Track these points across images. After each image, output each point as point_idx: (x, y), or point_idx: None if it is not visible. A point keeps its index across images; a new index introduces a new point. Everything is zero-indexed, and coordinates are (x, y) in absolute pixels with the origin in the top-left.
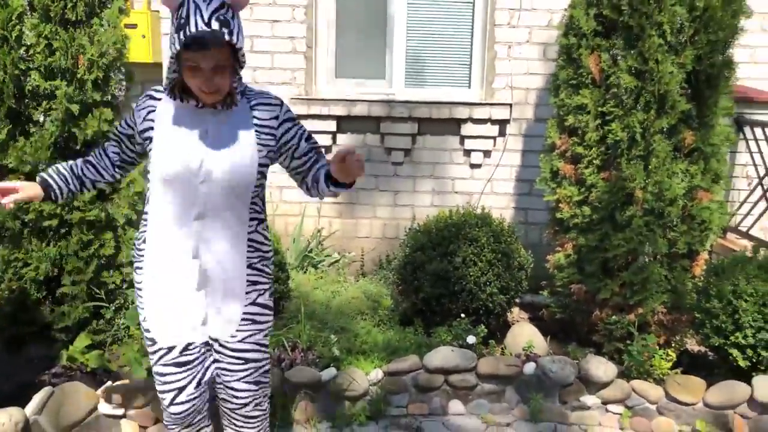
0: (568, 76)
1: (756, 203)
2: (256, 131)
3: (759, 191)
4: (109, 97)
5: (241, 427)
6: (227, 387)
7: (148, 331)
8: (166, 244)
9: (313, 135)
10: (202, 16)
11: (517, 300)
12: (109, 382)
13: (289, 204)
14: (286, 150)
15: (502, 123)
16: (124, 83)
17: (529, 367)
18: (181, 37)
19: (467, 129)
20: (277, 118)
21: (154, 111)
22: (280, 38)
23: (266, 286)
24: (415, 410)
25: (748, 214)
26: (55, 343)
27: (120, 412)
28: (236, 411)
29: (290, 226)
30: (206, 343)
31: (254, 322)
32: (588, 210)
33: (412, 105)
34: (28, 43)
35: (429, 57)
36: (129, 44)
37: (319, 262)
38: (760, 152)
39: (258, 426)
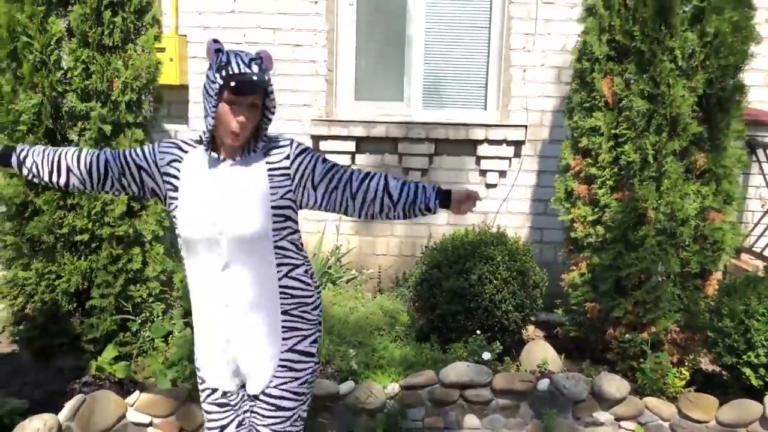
0: (581, 99)
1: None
2: (269, 175)
3: None
4: (141, 119)
5: None
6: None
7: (199, 369)
8: (199, 294)
9: (332, 157)
10: (243, 61)
11: (533, 318)
12: (137, 392)
13: (309, 222)
14: (306, 179)
15: (518, 144)
16: (153, 105)
17: (543, 383)
18: (224, 74)
19: (483, 150)
20: (288, 157)
21: (180, 162)
22: (301, 62)
23: (307, 333)
24: (432, 423)
25: (761, 235)
26: (84, 354)
27: (147, 420)
28: None
29: (310, 243)
30: (245, 396)
31: (291, 369)
32: (601, 229)
33: (429, 126)
34: (66, 67)
35: (446, 80)
36: (161, 69)
37: (337, 279)
38: None
39: None
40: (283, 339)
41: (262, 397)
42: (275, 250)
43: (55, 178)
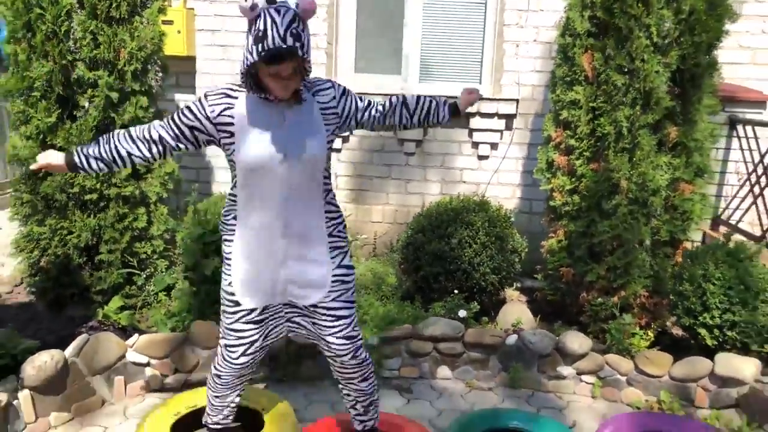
0: (563, 74)
1: (744, 198)
2: (322, 114)
3: (747, 186)
4: (147, 87)
5: (344, 374)
6: (324, 340)
7: (232, 294)
8: (255, 222)
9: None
10: (278, 31)
11: (517, 284)
12: (136, 335)
13: None
14: (351, 116)
15: (509, 117)
16: (159, 74)
17: (512, 339)
18: (260, 49)
19: (475, 123)
20: (334, 98)
21: (232, 108)
22: None
23: (345, 249)
24: (407, 373)
25: (737, 208)
26: (93, 304)
27: (145, 360)
28: (336, 359)
29: None
30: (285, 304)
31: (342, 282)
32: (577, 198)
33: None
34: (76, 37)
35: (442, 54)
36: (165, 40)
37: None
38: (750, 149)
39: (360, 372)
40: (332, 258)
41: (320, 310)
42: (324, 179)
43: (121, 166)
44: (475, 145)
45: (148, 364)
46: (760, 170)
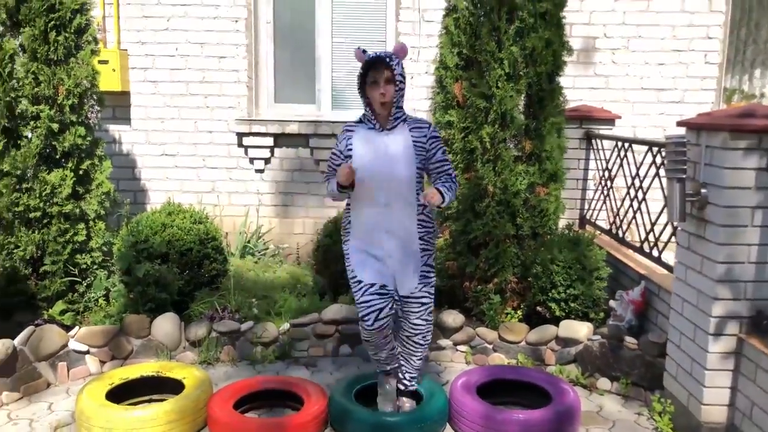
0: (441, 100)
1: (599, 199)
2: (414, 146)
3: (599, 190)
4: (84, 118)
5: (412, 350)
6: (409, 321)
7: (354, 277)
8: (367, 223)
9: (253, 151)
10: (375, 53)
11: None
12: (76, 327)
13: (235, 206)
14: (430, 157)
15: None
16: (96, 107)
17: None
18: (363, 64)
19: None
20: (425, 137)
21: (351, 139)
22: (226, 71)
23: (431, 253)
24: (314, 353)
25: (595, 208)
26: (38, 310)
27: (85, 348)
28: (411, 338)
29: (237, 223)
30: (396, 295)
31: (426, 277)
32: (456, 203)
33: (335, 124)
34: (18, 77)
35: (352, 85)
36: (101, 77)
37: (257, 251)
38: (600, 159)
39: (421, 351)
40: (421, 257)
41: (411, 299)
42: (416, 195)
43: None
44: None
45: (87, 352)
46: (606, 176)
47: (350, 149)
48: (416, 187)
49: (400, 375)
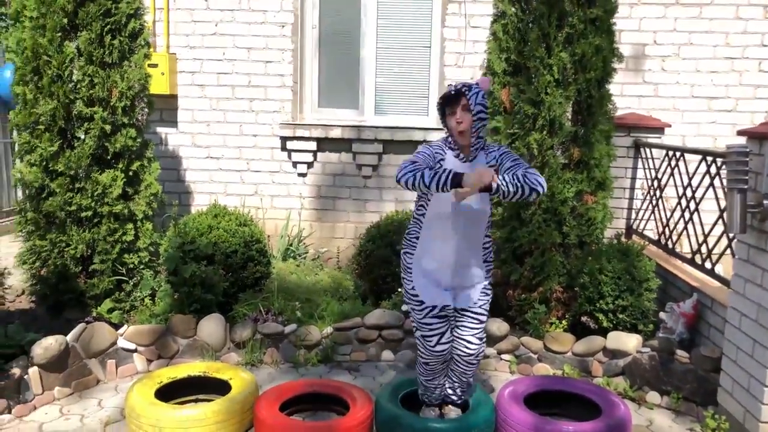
0: (487, 106)
1: (647, 209)
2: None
3: (648, 199)
4: (135, 121)
5: (464, 369)
6: (463, 339)
7: (416, 296)
8: (435, 248)
9: (297, 155)
10: (454, 86)
11: None
12: (125, 325)
13: (277, 210)
14: (502, 167)
15: None
16: (146, 110)
17: None
18: (438, 98)
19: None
20: (495, 158)
21: (443, 159)
22: (272, 75)
23: (491, 269)
24: (356, 357)
25: (643, 218)
26: (87, 308)
27: (133, 347)
28: (464, 358)
29: (279, 227)
30: (453, 309)
31: (486, 294)
32: (501, 210)
33: (378, 129)
34: (75, 80)
35: (395, 91)
36: (151, 80)
37: (298, 255)
38: (650, 168)
39: (472, 371)
40: (484, 277)
41: (470, 314)
42: (487, 223)
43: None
44: None
45: (135, 350)
46: (655, 185)
47: (438, 160)
48: (487, 216)
49: (450, 390)
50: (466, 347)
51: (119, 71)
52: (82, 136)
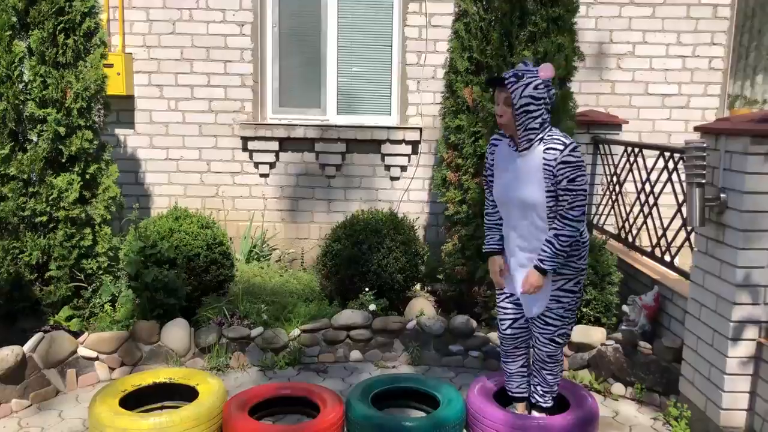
0: (450, 104)
1: (606, 205)
2: (543, 168)
3: (608, 195)
4: (91, 122)
5: (540, 366)
6: (537, 341)
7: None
8: (507, 235)
9: (258, 156)
10: (512, 72)
11: (427, 287)
12: (86, 333)
13: (239, 211)
14: (557, 183)
15: (415, 143)
16: (102, 111)
17: (411, 324)
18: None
19: (386, 148)
20: (555, 160)
21: (494, 153)
22: (231, 75)
23: (571, 276)
24: (324, 359)
25: (603, 213)
26: (43, 316)
27: (94, 355)
28: (539, 357)
29: (241, 228)
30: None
31: (558, 301)
32: (466, 207)
33: (341, 129)
34: (26, 80)
35: (357, 90)
36: (107, 81)
37: (262, 257)
38: (608, 164)
39: (549, 370)
40: (553, 281)
41: (539, 318)
42: (548, 217)
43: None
44: (387, 167)
45: (97, 358)
46: (615, 181)
47: (492, 165)
48: (547, 212)
49: (532, 388)
50: (539, 348)
51: (74, 72)
52: (35, 139)
